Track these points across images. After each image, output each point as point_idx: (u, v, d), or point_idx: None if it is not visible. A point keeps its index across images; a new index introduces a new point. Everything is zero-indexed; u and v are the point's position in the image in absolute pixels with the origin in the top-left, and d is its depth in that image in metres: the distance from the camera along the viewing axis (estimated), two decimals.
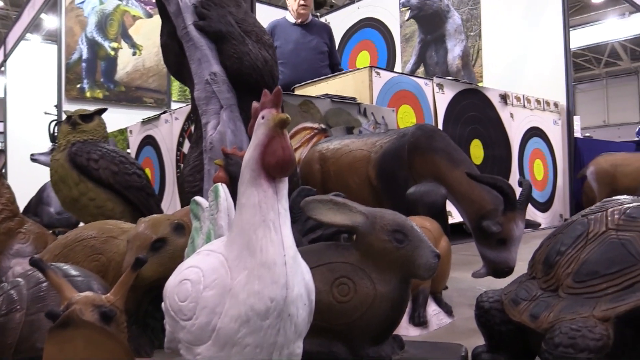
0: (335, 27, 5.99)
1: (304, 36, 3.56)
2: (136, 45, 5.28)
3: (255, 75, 1.73)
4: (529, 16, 4.55)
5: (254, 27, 1.83)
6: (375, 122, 2.66)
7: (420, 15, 5.17)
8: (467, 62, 4.80)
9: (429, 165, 1.65)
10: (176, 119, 2.81)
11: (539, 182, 3.88)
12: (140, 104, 5.24)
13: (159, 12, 1.86)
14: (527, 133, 3.82)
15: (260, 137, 0.68)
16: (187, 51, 1.77)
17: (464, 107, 3.29)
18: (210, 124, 1.74)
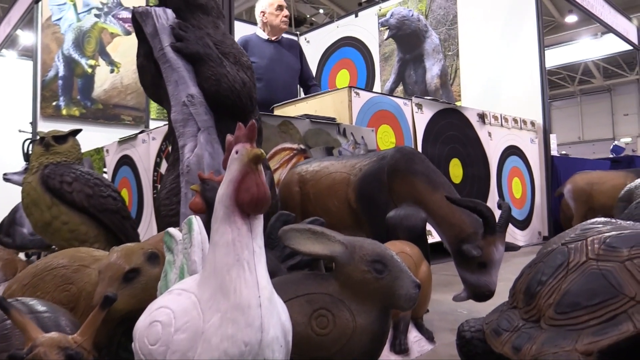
0: (315, 45, 6.05)
1: (277, 52, 3.56)
2: (114, 62, 5.23)
3: (233, 97, 1.71)
4: (505, 36, 4.64)
5: (232, 49, 1.82)
6: (355, 142, 2.66)
7: (398, 34, 5.23)
8: (445, 81, 4.86)
9: (409, 188, 1.64)
10: (153, 139, 2.77)
11: (518, 200, 3.92)
12: (118, 122, 5.17)
13: (135, 33, 1.84)
14: (505, 152, 3.86)
15: (233, 173, 0.66)
16: (163, 73, 1.75)
17: (443, 127, 3.32)
18: (187, 147, 1.72)
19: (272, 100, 3.25)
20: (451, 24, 4.84)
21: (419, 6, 5.10)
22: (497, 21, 4.70)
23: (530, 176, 4.09)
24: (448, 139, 3.34)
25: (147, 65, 1.82)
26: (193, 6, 1.80)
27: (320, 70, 5.92)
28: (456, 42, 4.81)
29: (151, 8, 1.78)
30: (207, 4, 1.84)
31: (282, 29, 3.58)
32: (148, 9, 1.78)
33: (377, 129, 2.86)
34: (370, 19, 5.55)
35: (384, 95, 3.10)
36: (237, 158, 0.67)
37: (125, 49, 5.25)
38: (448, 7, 4.87)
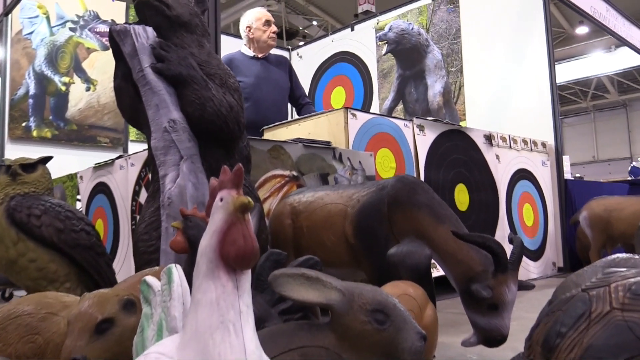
0: (308, 60, 6.10)
1: (265, 70, 3.58)
2: (90, 79, 5.24)
3: (219, 122, 1.71)
4: (512, 50, 4.69)
5: (218, 70, 1.82)
6: (352, 168, 2.65)
7: (398, 49, 5.28)
8: (448, 99, 4.89)
9: (411, 221, 1.63)
10: (132, 165, 2.76)
11: (530, 228, 3.91)
12: (93, 143, 5.16)
13: (113, 52, 1.84)
14: (515, 175, 3.86)
15: (218, 223, 0.64)
16: (143, 96, 1.74)
17: (447, 150, 3.32)
18: (168, 177, 1.70)
19: (260, 121, 3.25)
20: (454, 38, 4.90)
21: (419, 19, 5.16)
22: (503, 34, 4.76)
23: (542, 202, 4.09)
24: (453, 162, 3.34)
25: (125, 87, 1.82)
26: (176, 24, 1.80)
27: (314, 88, 5.96)
28: (460, 58, 4.86)
29: (130, 26, 1.78)
30: (191, 21, 1.84)
31: (269, 46, 3.60)
32: (126, 27, 1.78)
33: (375, 153, 2.85)
34: (367, 32, 5.61)
35: (383, 116, 3.10)
36: (222, 206, 0.65)
37: (102, 65, 5.27)
38: (450, 20, 4.93)
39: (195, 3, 1.92)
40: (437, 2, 5.05)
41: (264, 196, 2.34)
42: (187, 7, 1.86)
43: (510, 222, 3.71)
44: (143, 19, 1.83)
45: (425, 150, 3.19)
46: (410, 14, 5.26)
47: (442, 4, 5.00)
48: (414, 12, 5.23)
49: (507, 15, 4.74)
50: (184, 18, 1.83)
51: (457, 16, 4.89)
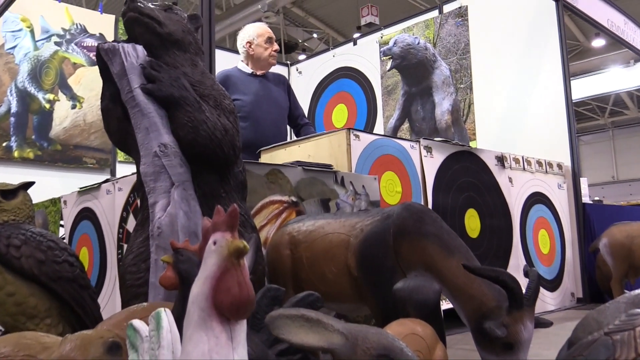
0: (308, 76, 6.14)
1: (264, 87, 3.60)
2: (76, 97, 5.27)
3: (213, 146, 1.71)
4: (524, 66, 4.72)
5: (212, 90, 1.83)
6: (355, 193, 2.65)
7: (403, 65, 5.32)
8: (457, 118, 4.91)
9: (419, 252, 1.62)
10: (120, 190, 2.76)
11: (546, 256, 3.89)
12: (79, 165, 5.17)
13: (100, 72, 1.85)
14: (529, 199, 3.86)
15: (211, 269, 0.64)
16: (132, 118, 1.75)
17: (456, 172, 3.32)
18: (158, 205, 1.70)
19: (259, 142, 3.26)
20: (463, 52, 4.93)
21: (426, 33, 5.20)
22: (515, 48, 4.80)
23: (559, 228, 4.08)
24: (463, 186, 3.34)
25: (113, 109, 1.83)
26: (168, 42, 1.81)
27: (314, 105, 5.98)
28: (469, 73, 4.89)
29: (119, 44, 1.80)
30: (184, 39, 1.86)
31: (270, 65, 3.62)
32: (115, 45, 1.79)
33: (380, 177, 2.85)
34: (370, 47, 5.65)
35: (388, 137, 3.11)
36: (216, 250, 0.65)
37: (89, 82, 5.30)
38: (459, 34, 4.97)
39: (188, 19, 1.93)
40: (445, 15, 5.10)
41: (261, 223, 2.33)
42: (179, 24, 1.87)
43: (524, 249, 3.70)
44: (133, 36, 1.84)
45: (433, 174, 3.19)
46: (416, 28, 5.31)
47: (449, 17, 5.05)
48: (420, 25, 5.28)
49: (519, 29, 4.79)
50: (177, 35, 1.84)
51: (466, 30, 4.93)
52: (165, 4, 1.94)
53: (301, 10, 14.30)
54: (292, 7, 14.15)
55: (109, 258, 2.81)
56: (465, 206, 3.33)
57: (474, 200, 3.39)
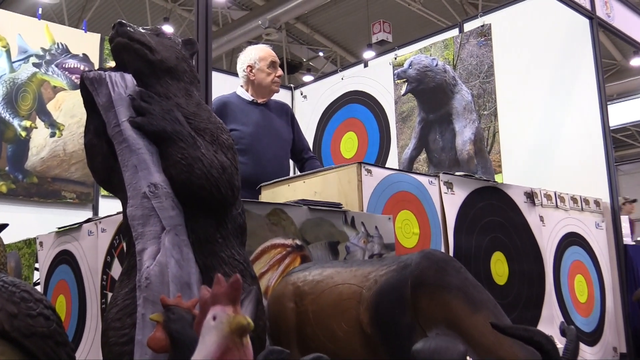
0: (314, 101, 6.19)
1: (265, 117, 3.63)
2: (56, 124, 5.31)
3: (209, 187, 1.72)
4: (555, 89, 4.75)
5: (209, 124, 1.84)
6: (367, 235, 2.65)
7: (420, 89, 5.36)
8: (481, 148, 4.92)
9: (441, 308, 1.61)
10: (103, 231, 2.76)
11: (583, 305, 3.86)
12: (57, 200, 5.18)
13: (84, 103, 1.87)
14: (564, 241, 3.84)
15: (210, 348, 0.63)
16: (119, 155, 1.76)
17: (481, 211, 3.32)
18: (147, 252, 1.70)
19: (259, 177, 3.27)
20: (486, 75, 4.97)
21: (444, 54, 5.26)
22: (544, 70, 4.83)
23: (597, 273, 4.05)
24: (488, 227, 3.33)
25: (97, 144, 1.84)
26: (159, 70, 1.84)
27: (320, 133, 6.02)
28: (493, 99, 4.92)
29: (105, 73, 1.82)
30: (178, 66, 1.88)
31: (272, 92, 3.65)
32: (101, 74, 1.81)
33: (395, 217, 2.85)
34: (383, 69, 5.71)
35: (404, 172, 3.12)
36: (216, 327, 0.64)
37: (70, 107, 5.35)
38: (482, 54, 5.01)
39: (182, 45, 1.96)
40: (466, 34, 5.16)
41: (261, 270, 2.33)
42: (173, 50, 1.90)
43: (559, 298, 3.67)
44: (121, 64, 1.87)
45: (454, 213, 3.18)
46: (433, 48, 5.36)
47: (471, 37, 5.11)
48: (438, 45, 5.33)
49: (549, 49, 4.83)
50: (170, 63, 1.86)
51: (490, 50, 4.97)
52: (156, 28, 1.97)
53: (306, 27, 14.50)
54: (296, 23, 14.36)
55: (89, 308, 2.80)
56: (491, 249, 3.31)
57: (501, 243, 3.37)
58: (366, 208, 2.77)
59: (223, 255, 1.77)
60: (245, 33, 12.72)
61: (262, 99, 3.65)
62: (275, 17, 11.89)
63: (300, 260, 2.42)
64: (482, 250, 3.26)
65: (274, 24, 12.06)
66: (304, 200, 2.60)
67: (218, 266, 1.74)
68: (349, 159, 5.75)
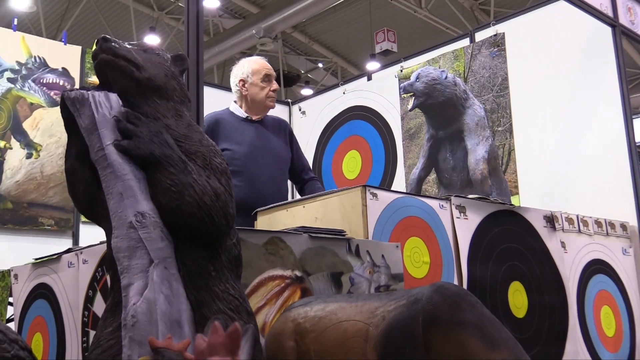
0: (313, 117, 6.22)
1: (260, 136, 3.65)
2: (32, 144, 5.33)
3: (201, 215, 1.72)
4: (576, 103, 4.77)
5: (201, 147, 1.85)
6: (373, 265, 2.65)
7: (428, 103, 5.38)
8: (495, 167, 4.93)
9: (455, 347, 1.60)
10: (85, 262, 2.75)
11: (611, 339, 3.83)
12: (34, 226, 5.18)
13: (65, 125, 1.89)
14: (588, 269, 3.83)
15: None
16: (103, 181, 1.77)
17: (497, 237, 3.32)
18: (133, 287, 1.70)
19: (254, 201, 3.28)
20: (500, 88, 5.00)
21: (454, 65, 5.29)
22: (563, 82, 4.84)
23: (626, 303, 4.03)
24: (505, 254, 3.32)
25: (80, 169, 1.85)
26: (147, 88, 1.85)
27: (321, 152, 6.03)
28: (508, 114, 4.94)
29: (88, 92, 1.83)
30: (167, 84, 1.90)
31: (267, 107, 3.67)
32: (84, 93, 1.83)
33: (403, 245, 2.85)
34: (388, 82, 5.73)
35: (413, 196, 3.12)
36: None
37: (49, 126, 5.37)
38: (495, 66, 5.04)
39: (172, 61, 1.98)
40: (477, 44, 5.19)
41: (259, 304, 2.32)
42: (161, 67, 1.91)
43: (584, 331, 3.65)
44: (105, 82, 1.89)
45: (467, 239, 3.18)
46: (443, 59, 5.39)
47: (483, 47, 5.14)
48: (447, 56, 5.37)
49: (568, 59, 4.84)
50: (158, 81, 1.88)
51: (504, 61, 5.00)
52: (144, 43, 1.99)
53: (304, 36, 14.61)
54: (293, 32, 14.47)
55: (68, 348, 2.79)
56: (509, 279, 3.30)
57: (519, 272, 3.37)
58: (372, 235, 2.77)
59: (216, 290, 1.77)
60: (238, 43, 12.81)
61: (257, 116, 3.68)
62: (271, 25, 11.98)
63: (300, 293, 2.41)
64: (498, 281, 3.24)
65: (269, 33, 12.15)
66: (304, 227, 2.60)
67: (211, 302, 1.74)
68: (351, 179, 5.76)
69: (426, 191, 5.24)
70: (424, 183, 5.30)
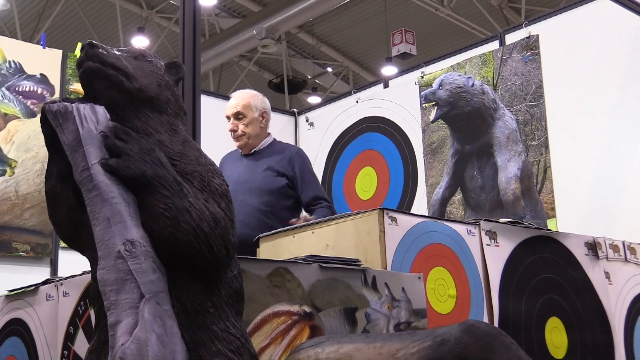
0: (322, 130, 6.21)
1: (248, 170, 3.93)
2: (6, 159, 5.34)
3: (198, 244, 1.72)
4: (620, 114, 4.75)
5: (198, 166, 1.85)
6: (392, 299, 2.64)
7: (452, 114, 5.39)
8: (529, 187, 4.92)
9: None
10: (65, 295, 2.75)
11: None
12: (7, 253, 5.18)
13: (46, 141, 1.88)
14: (636, 303, 3.80)
15: None
16: (88, 205, 1.77)
17: (532, 267, 3.30)
18: (122, 325, 1.70)
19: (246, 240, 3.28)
20: (534, 97, 4.99)
21: (482, 71, 5.29)
22: (605, 90, 4.83)
23: None
24: (541, 286, 3.31)
25: (62, 192, 1.85)
26: (138, 100, 1.86)
27: (330, 170, 6.04)
28: (543, 126, 4.93)
29: (72, 105, 1.83)
30: (160, 96, 1.90)
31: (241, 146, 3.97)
32: (67, 106, 1.82)
33: (426, 276, 2.84)
34: (407, 89, 5.75)
35: (436, 220, 3.11)
36: None
37: (25, 139, 5.39)
38: (528, 72, 5.04)
39: (166, 70, 1.98)
40: (508, 47, 5.20)
41: (262, 344, 2.32)
42: (154, 76, 1.92)
43: None
44: (91, 93, 1.89)
45: (499, 269, 3.17)
46: (469, 64, 5.40)
47: (514, 50, 5.14)
48: (474, 61, 5.38)
49: (611, 63, 4.83)
50: (150, 92, 1.88)
51: (538, 67, 5.00)
52: (134, 49, 2.00)
53: (311, 37, 14.66)
54: (299, 33, 14.52)
55: None
56: (546, 315, 3.29)
57: (558, 306, 3.35)
58: (390, 265, 2.76)
59: (215, 329, 1.76)
60: (236, 45, 12.83)
61: (245, 151, 3.98)
62: (274, 25, 12.00)
63: (309, 332, 2.40)
64: (534, 317, 3.23)
65: (272, 34, 12.18)
66: (314, 256, 2.59)
67: (209, 342, 1.73)
68: (366, 200, 5.75)
69: (451, 214, 5.23)
70: (448, 204, 5.29)
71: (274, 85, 14.95)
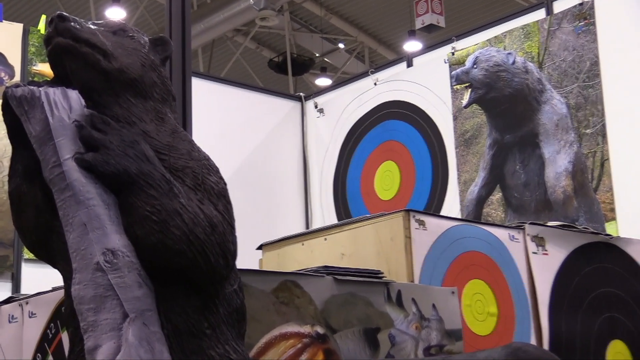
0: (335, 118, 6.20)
1: None
2: None
3: (191, 253, 1.72)
4: None
5: (190, 160, 1.85)
6: (421, 318, 2.64)
7: (489, 97, 5.38)
8: (582, 183, 4.91)
9: None
10: (32, 316, 2.76)
11: None
12: None
13: (9, 133, 1.88)
14: None
15: None
16: (60, 208, 1.77)
17: (588, 279, 3.30)
18: (101, 351, 1.70)
19: None
20: (589, 77, 4.98)
21: (525, 46, 5.28)
22: None
23: None
24: (600, 302, 3.31)
25: (28, 192, 1.85)
26: (118, 83, 1.85)
27: (345, 165, 6.03)
28: (600, 111, 4.92)
29: (40, 89, 1.83)
30: (144, 78, 1.90)
31: None
32: (34, 90, 1.82)
33: (462, 290, 2.85)
34: (434, 69, 5.75)
35: (472, 223, 3.11)
36: None
37: None
38: (581, 46, 5.03)
39: (151, 46, 1.99)
40: (557, 17, 5.18)
41: None
42: (137, 55, 1.92)
43: None
44: (62, 74, 1.89)
45: (549, 282, 3.17)
46: (509, 38, 5.39)
47: (564, 20, 5.13)
48: (515, 34, 5.36)
49: None
50: (132, 73, 1.88)
51: (593, 40, 4.99)
52: (112, 22, 2.00)
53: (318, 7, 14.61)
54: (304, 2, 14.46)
55: None
56: (607, 336, 3.29)
57: (621, 326, 3.35)
58: (418, 277, 2.77)
59: (213, 354, 1.77)
60: (230, 17, 12.82)
61: None
62: None
63: (324, 357, 2.41)
64: (592, 339, 3.22)
65: (272, 3, 12.16)
66: (327, 267, 2.60)
67: None
68: (387, 200, 5.75)
69: (489, 216, 5.22)
70: (486, 205, 5.28)
71: (275, 65, 14.92)
